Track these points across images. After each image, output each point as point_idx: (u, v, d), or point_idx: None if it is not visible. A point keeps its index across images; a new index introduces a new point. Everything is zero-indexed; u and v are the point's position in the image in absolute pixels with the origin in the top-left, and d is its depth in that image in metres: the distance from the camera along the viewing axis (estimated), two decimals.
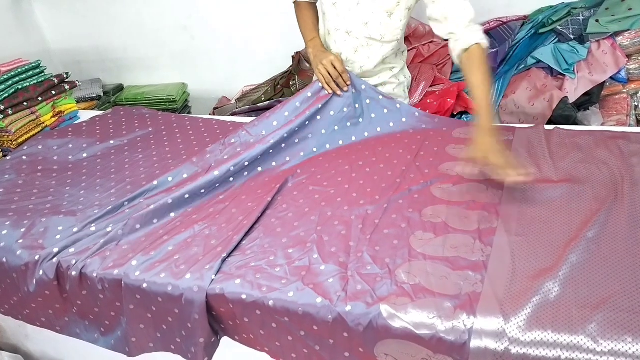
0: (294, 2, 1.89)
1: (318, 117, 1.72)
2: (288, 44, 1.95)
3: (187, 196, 1.50)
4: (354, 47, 1.76)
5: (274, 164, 1.66)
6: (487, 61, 1.55)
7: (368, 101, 1.76)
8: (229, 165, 1.56)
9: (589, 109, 2.27)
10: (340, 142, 1.73)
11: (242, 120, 2.07)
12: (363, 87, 1.76)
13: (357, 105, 1.75)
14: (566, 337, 0.97)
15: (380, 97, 1.76)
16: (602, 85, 2.24)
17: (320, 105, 1.70)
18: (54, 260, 1.36)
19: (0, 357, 1.85)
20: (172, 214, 1.48)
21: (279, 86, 2.81)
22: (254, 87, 2.92)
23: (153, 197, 1.54)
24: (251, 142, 1.68)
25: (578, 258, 1.13)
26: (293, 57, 2.75)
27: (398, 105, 1.77)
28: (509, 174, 1.31)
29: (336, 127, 1.73)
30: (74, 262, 1.34)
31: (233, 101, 2.95)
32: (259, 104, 2.70)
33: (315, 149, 1.71)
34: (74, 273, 1.32)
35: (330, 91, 1.70)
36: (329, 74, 1.68)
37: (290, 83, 2.77)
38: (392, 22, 1.67)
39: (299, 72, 2.73)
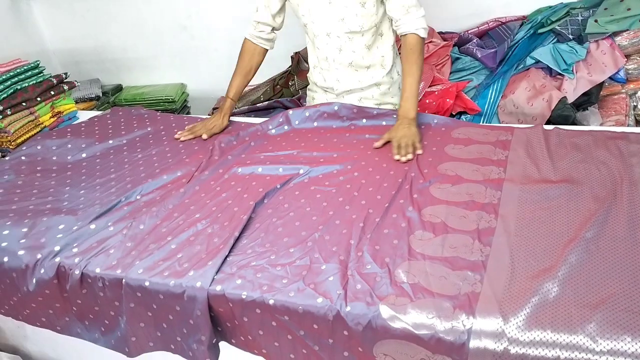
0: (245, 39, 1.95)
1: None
2: (287, 44, 1.95)
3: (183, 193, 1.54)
4: (337, 47, 1.80)
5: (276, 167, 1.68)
6: (420, 50, 1.70)
7: (365, 120, 1.81)
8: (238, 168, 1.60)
9: (587, 109, 2.28)
10: (341, 146, 1.74)
11: (240, 120, 2.08)
12: (365, 121, 1.81)
13: (352, 127, 1.82)
14: (565, 337, 0.98)
15: (375, 112, 1.82)
16: (600, 86, 2.24)
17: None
18: (56, 259, 1.36)
19: None
20: (175, 214, 1.48)
21: (277, 86, 2.81)
22: (253, 87, 2.92)
23: (149, 194, 1.57)
24: (248, 162, 1.71)
25: (577, 258, 1.14)
26: (292, 57, 2.75)
27: (395, 116, 1.79)
28: (394, 152, 1.59)
29: (335, 140, 1.77)
30: (76, 260, 1.34)
31: None
32: (257, 104, 2.70)
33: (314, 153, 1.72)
34: (76, 272, 1.32)
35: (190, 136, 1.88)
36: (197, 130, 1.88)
37: (290, 83, 2.77)
38: (366, 10, 1.71)
39: (298, 72, 2.73)
